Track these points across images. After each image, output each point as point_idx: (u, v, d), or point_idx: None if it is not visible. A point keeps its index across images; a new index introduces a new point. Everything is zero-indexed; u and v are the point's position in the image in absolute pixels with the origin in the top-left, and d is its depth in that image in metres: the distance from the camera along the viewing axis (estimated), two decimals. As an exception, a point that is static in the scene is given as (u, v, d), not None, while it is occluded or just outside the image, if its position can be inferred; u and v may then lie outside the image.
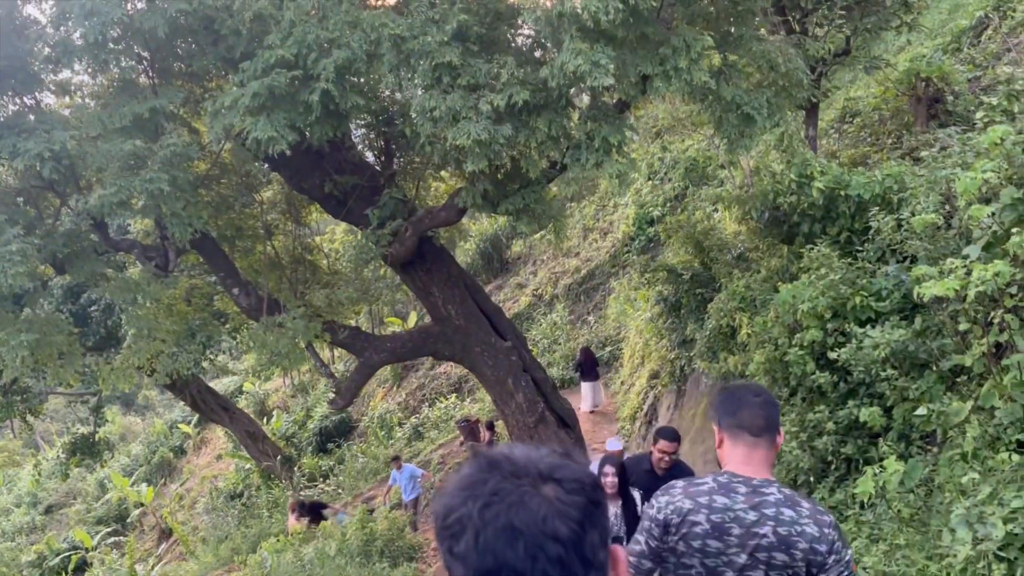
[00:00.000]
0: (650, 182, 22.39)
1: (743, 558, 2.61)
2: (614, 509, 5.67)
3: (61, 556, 26.26)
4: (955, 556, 3.70)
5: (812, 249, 7.00)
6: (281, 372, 11.16)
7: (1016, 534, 3.42)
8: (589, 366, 16.44)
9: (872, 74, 9.83)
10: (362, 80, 8.74)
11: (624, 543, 4.83)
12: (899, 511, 4.71)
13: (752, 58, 7.95)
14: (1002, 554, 3.47)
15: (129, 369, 8.92)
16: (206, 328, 12.26)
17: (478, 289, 11.69)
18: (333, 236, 20.90)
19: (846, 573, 2.59)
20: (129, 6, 8.33)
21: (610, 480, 5.69)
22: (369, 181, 10.24)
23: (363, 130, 10.59)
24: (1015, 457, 3.81)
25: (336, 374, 12.40)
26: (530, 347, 22.03)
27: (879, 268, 6.82)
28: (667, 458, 5.93)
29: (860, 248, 6.99)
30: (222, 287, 10.23)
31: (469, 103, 7.43)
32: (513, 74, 7.40)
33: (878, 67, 9.38)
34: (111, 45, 8.34)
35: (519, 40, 8.43)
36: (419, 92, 7.67)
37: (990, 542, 3.46)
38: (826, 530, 2.58)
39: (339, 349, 18.99)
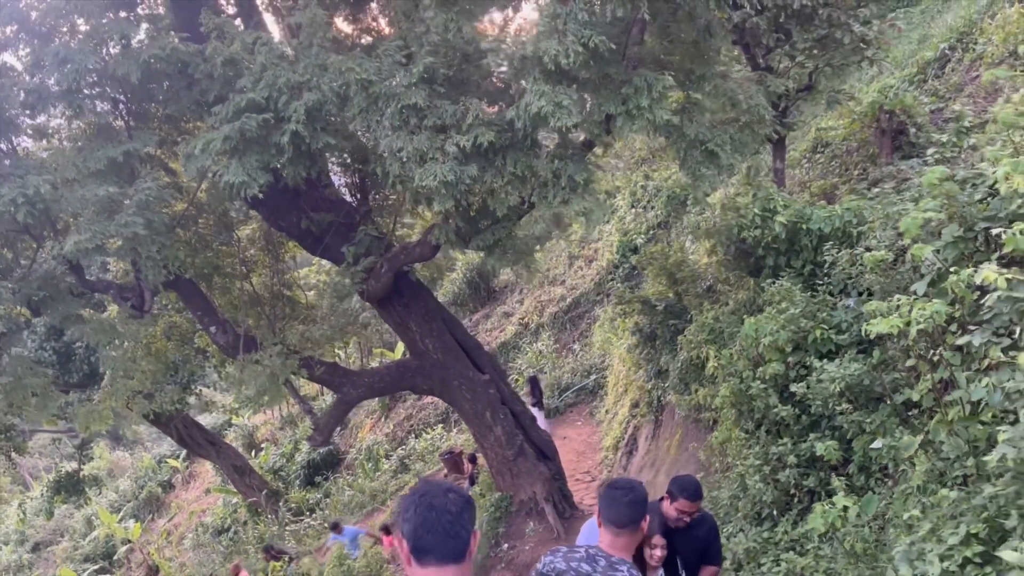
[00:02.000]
0: (633, 210, 22.57)
1: None
2: None
3: (49, 595, 25.99)
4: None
5: (774, 283, 7.11)
6: (267, 405, 11.18)
7: (952, 571, 3.49)
8: (537, 395, 16.27)
9: (834, 108, 10.02)
10: (335, 120, 8.88)
11: None
12: (852, 546, 4.78)
13: (715, 96, 8.13)
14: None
15: (106, 410, 8.95)
16: (188, 365, 12.28)
17: (456, 323, 11.77)
18: (321, 268, 20.94)
19: None
20: (104, 51, 8.47)
21: (659, 555, 4.46)
22: (345, 218, 10.35)
23: (339, 168, 10.71)
24: (953, 494, 3.89)
25: (316, 411, 12.41)
26: (514, 375, 22.17)
27: (840, 301, 6.94)
28: (686, 518, 4.78)
29: (821, 282, 7.10)
30: (200, 325, 10.28)
31: (436, 144, 7.56)
32: (478, 115, 7.54)
33: (839, 101, 9.57)
34: (86, 91, 8.48)
35: (487, 82, 8.57)
36: (388, 133, 7.80)
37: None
38: None
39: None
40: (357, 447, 24.67)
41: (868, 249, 6.20)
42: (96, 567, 27.15)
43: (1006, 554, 2.78)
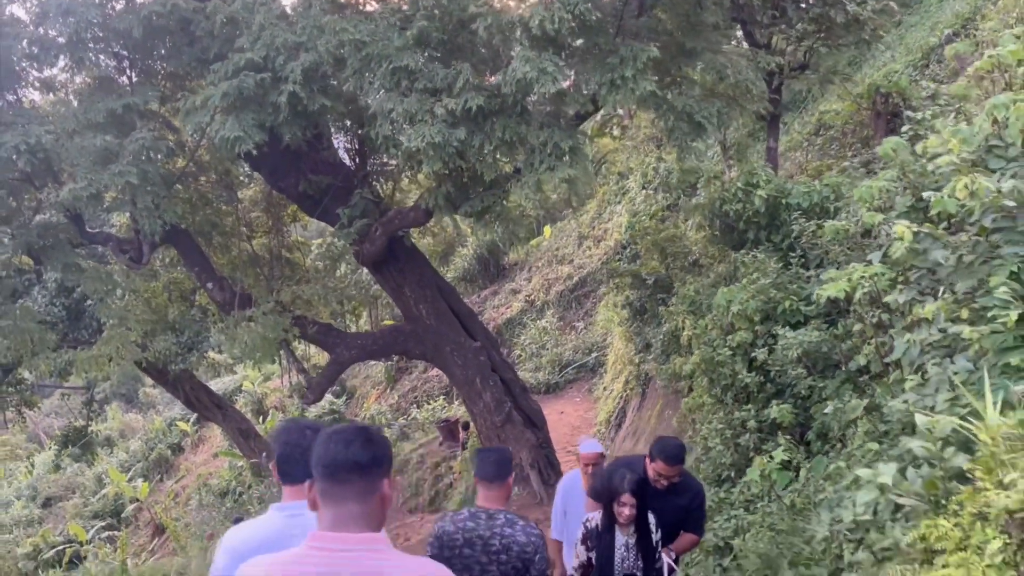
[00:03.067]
0: (644, 191, 22.62)
1: (483, 560, 4.03)
2: (624, 539, 4.59)
3: (56, 549, 26.59)
4: (815, 536, 3.92)
5: (747, 254, 7.22)
6: (258, 362, 11.43)
7: (863, 514, 3.63)
8: None
9: (827, 88, 10.06)
10: (333, 82, 9.04)
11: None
12: (792, 502, 4.93)
13: (705, 70, 8.21)
14: (851, 536, 3.68)
15: (103, 357, 9.22)
16: (192, 326, 12.57)
17: (451, 291, 11.94)
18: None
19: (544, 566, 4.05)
20: (108, 6, 8.68)
21: (627, 513, 4.49)
22: (343, 182, 10.53)
23: (339, 132, 10.87)
24: (875, 446, 4.01)
25: (311, 371, 12.67)
26: (518, 351, 22.39)
27: (812, 274, 7.04)
28: (664, 481, 4.84)
29: (795, 255, 7.21)
30: (198, 281, 10.53)
31: (426, 106, 7.71)
32: (469, 80, 7.67)
33: (832, 81, 9.61)
34: (90, 44, 8.69)
35: (480, 48, 8.69)
36: (380, 94, 7.95)
37: (842, 524, 3.66)
38: (532, 538, 4.02)
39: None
40: (362, 416, 25.04)
41: (826, 220, 6.29)
42: (104, 524, 27.78)
43: (861, 471, 2.91)
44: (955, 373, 3.22)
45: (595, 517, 4.63)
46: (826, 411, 5.43)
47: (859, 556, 2.70)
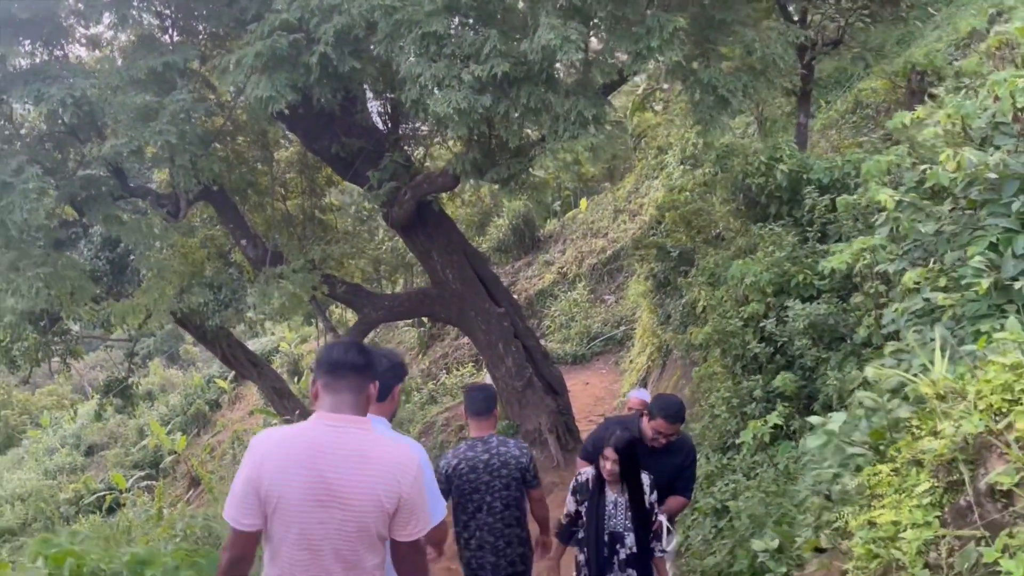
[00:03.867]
0: (682, 167, 22.52)
1: (487, 478, 4.70)
2: (614, 496, 4.67)
3: (96, 495, 27.63)
4: (797, 496, 4.05)
5: (763, 227, 7.28)
6: (287, 318, 11.78)
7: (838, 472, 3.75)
8: None
9: (858, 65, 9.96)
10: (366, 47, 9.21)
11: (628, 538, 4.53)
12: (786, 466, 5.06)
13: (733, 43, 8.21)
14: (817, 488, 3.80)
15: (139, 306, 9.60)
16: (222, 278, 12.94)
17: (477, 256, 12.12)
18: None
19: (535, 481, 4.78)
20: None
21: (608, 467, 4.59)
22: (375, 145, 10.73)
23: (373, 96, 11.05)
24: (861, 411, 4.12)
25: (339, 329, 12.99)
26: (547, 322, 22.58)
27: (830, 249, 7.08)
28: (662, 439, 4.97)
29: (811, 229, 7.25)
30: (232, 238, 10.85)
31: (453, 72, 7.84)
32: (496, 46, 7.78)
33: (864, 58, 9.52)
34: (134, 2, 8.97)
35: (510, 15, 8.77)
36: (409, 59, 8.10)
37: (822, 483, 3.79)
38: (523, 450, 4.81)
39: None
40: (400, 388, 25.47)
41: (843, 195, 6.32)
42: (143, 474, 28.79)
43: (812, 419, 3.04)
44: (931, 340, 3.32)
45: (588, 471, 4.79)
46: (829, 382, 5.54)
47: (811, 500, 2.83)
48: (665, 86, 21.24)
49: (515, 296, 25.08)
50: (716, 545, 4.75)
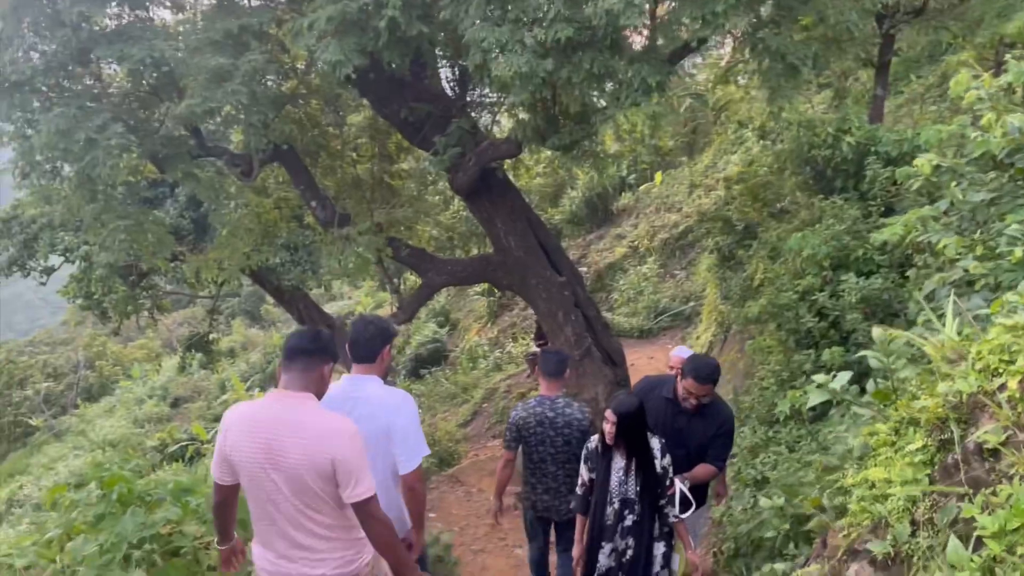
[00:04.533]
0: (762, 142, 21.99)
1: (551, 433, 5.43)
2: (623, 462, 4.67)
3: (179, 445, 29.02)
4: (829, 464, 4.02)
5: (825, 200, 7.11)
6: (352, 279, 12.20)
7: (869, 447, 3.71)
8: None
9: (942, 36, 9.52)
10: (437, 11, 9.29)
11: (637, 508, 4.50)
12: (825, 437, 4.99)
13: (805, 10, 7.96)
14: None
15: (211, 261, 10.01)
16: (298, 237, 13.36)
17: (540, 225, 12.14)
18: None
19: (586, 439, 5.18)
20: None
21: (607, 429, 4.65)
22: (443, 111, 10.83)
23: (443, 62, 11.15)
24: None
25: (402, 291, 13.24)
26: (615, 296, 22.49)
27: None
28: (693, 400, 5.04)
29: (875, 203, 7.04)
30: (303, 199, 11.16)
31: (516, 36, 7.85)
32: (560, 11, 7.74)
33: (947, 27, 9.10)
34: (215, -35, 9.27)
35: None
36: (474, 23, 8.14)
37: (851, 451, 3.75)
38: (585, 414, 5.57)
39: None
40: (461, 347, 25.88)
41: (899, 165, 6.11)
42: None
43: (817, 377, 3.00)
44: (967, 309, 3.23)
45: (596, 438, 4.80)
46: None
47: (813, 457, 2.82)
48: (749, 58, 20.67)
49: (585, 269, 25.09)
50: (751, 513, 4.73)
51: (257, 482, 3.36)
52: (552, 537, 5.92)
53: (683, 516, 4.77)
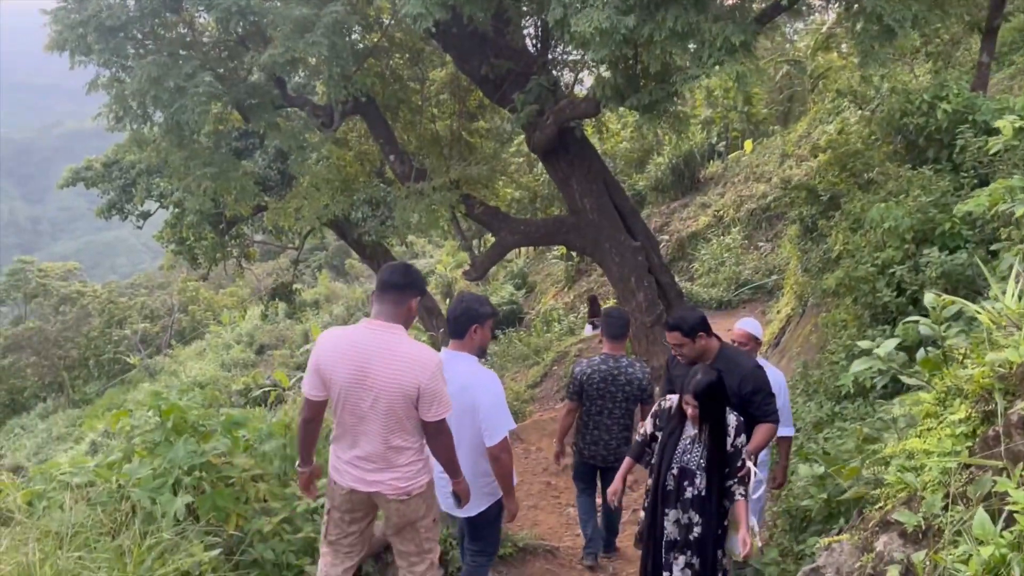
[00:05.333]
0: (860, 112, 21.08)
1: (612, 390, 5.78)
2: (693, 432, 4.51)
3: (263, 390, 30.16)
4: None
5: (912, 169, 6.75)
6: (423, 232, 12.39)
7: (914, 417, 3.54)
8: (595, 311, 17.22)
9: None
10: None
11: (699, 478, 4.36)
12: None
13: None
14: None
15: (289, 209, 10.25)
16: (379, 192, 13.55)
17: (617, 188, 11.97)
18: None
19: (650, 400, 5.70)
20: None
21: (691, 412, 4.45)
22: (524, 68, 10.73)
23: (526, 17, 11.01)
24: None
25: (476, 250, 13.31)
26: (696, 265, 22.06)
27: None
28: (676, 352, 4.95)
29: (967, 174, 6.64)
30: (382, 152, 11.28)
31: (599, -9, 7.67)
32: (644, -35, 7.53)
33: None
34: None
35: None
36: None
37: (895, 421, 3.59)
38: (645, 373, 5.86)
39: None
40: (537, 310, 25.94)
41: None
42: (303, 374, 31.10)
43: (862, 343, 2.83)
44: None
45: (673, 399, 4.66)
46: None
47: (850, 426, 2.70)
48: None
49: (666, 237, 24.69)
50: (811, 489, 4.58)
51: (348, 398, 3.72)
52: (599, 484, 6.29)
53: (754, 496, 4.65)
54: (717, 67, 7.77)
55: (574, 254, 24.52)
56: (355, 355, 3.69)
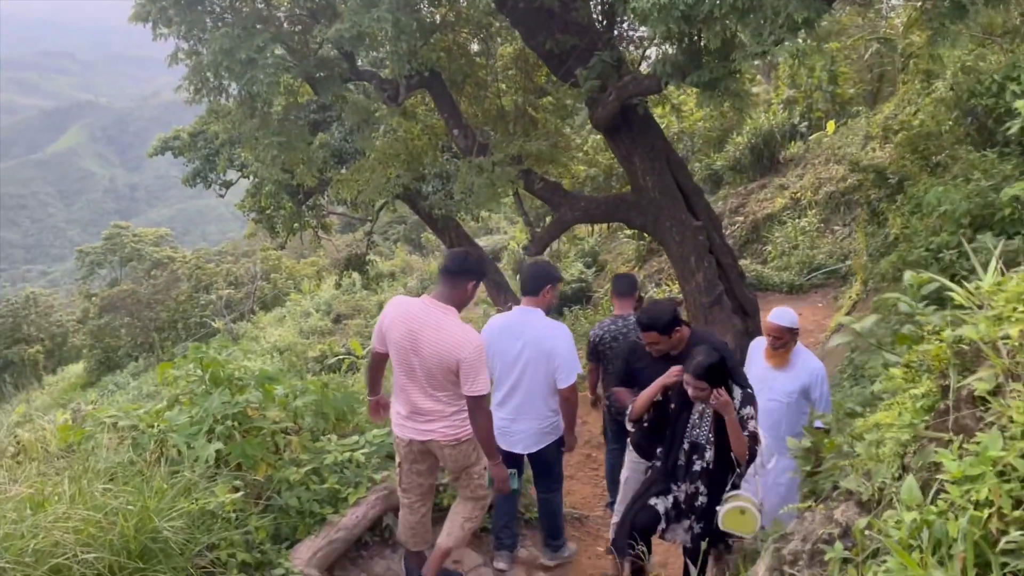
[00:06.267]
0: (952, 92, 20.21)
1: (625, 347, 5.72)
2: (702, 406, 4.59)
3: (338, 358, 31.06)
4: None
5: (973, 152, 6.53)
6: (482, 206, 12.63)
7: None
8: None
9: None
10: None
11: (708, 452, 4.46)
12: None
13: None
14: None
15: (353, 181, 10.53)
16: (441, 165, 13.76)
17: (680, 166, 11.84)
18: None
19: None
20: None
21: (692, 393, 4.52)
22: (589, 43, 10.70)
23: (592, -7, 10.97)
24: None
25: (536, 225, 13.40)
26: (769, 248, 21.61)
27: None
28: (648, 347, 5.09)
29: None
30: (446, 126, 11.45)
31: (658, -35, 7.60)
32: (706, -62, 7.41)
33: None
34: None
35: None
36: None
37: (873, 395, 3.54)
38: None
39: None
40: (605, 289, 25.92)
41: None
42: (375, 341, 31.94)
43: (843, 319, 2.82)
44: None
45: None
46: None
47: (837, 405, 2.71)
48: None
49: (741, 219, 24.25)
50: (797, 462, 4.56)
51: (401, 357, 4.49)
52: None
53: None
54: (777, 45, 7.62)
55: (645, 234, 24.33)
56: (410, 323, 4.42)
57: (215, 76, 9.77)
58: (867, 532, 1.89)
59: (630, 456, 5.27)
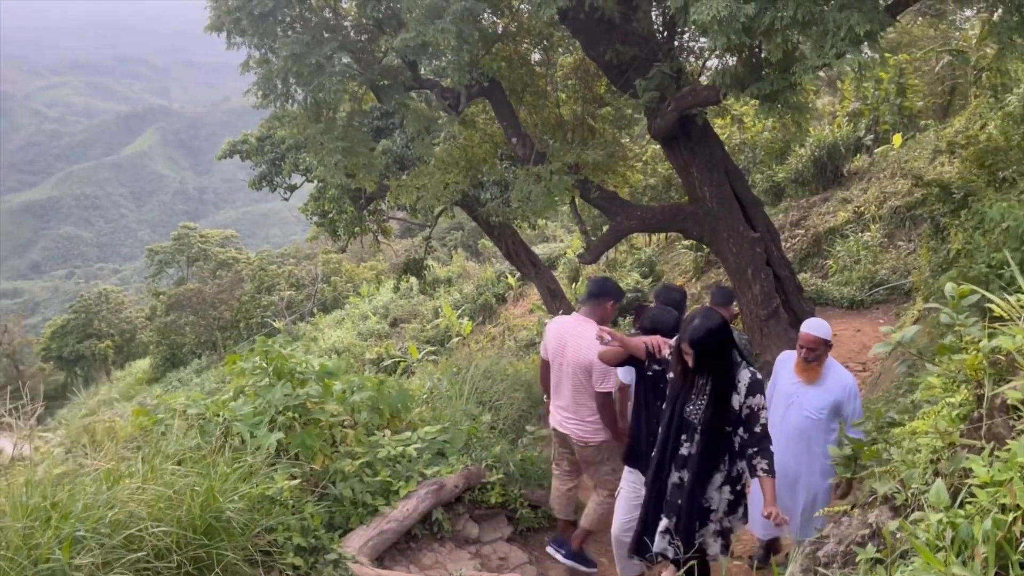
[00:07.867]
0: (1021, 107, 19.69)
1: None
2: (703, 382, 4.30)
3: (393, 361, 31.55)
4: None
5: (1041, 166, 6.41)
6: (538, 214, 12.75)
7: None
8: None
9: None
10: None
11: (697, 438, 4.21)
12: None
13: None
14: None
15: (411, 187, 10.77)
16: (502, 173, 13.93)
17: (738, 177, 11.81)
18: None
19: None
20: None
21: (688, 360, 4.20)
22: (648, 54, 10.76)
23: (652, 3, 11.03)
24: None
25: (593, 234, 13.44)
26: (830, 262, 21.25)
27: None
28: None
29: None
30: (505, 135, 11.62)
31: (719, -22, 7.65)
32: (768, -49, 7.44)
33: None
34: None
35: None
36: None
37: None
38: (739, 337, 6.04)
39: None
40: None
41: None
42: (432, 348, 32.26)
43: (883, 327, 2.82)
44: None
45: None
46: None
47: (875, 410, 2.75)
48: None
49: (802, 232, 23.90)
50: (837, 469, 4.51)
51: (554, 361, 5.77)
52: None
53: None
54: (837, 58, 7.60)
55: (704, 246, 24.16)
56: (561, 334, 5.75)
57: (283, 83, 10.13)
58: (898, 534, 1.94)
59: (626, 476, 5.55)
